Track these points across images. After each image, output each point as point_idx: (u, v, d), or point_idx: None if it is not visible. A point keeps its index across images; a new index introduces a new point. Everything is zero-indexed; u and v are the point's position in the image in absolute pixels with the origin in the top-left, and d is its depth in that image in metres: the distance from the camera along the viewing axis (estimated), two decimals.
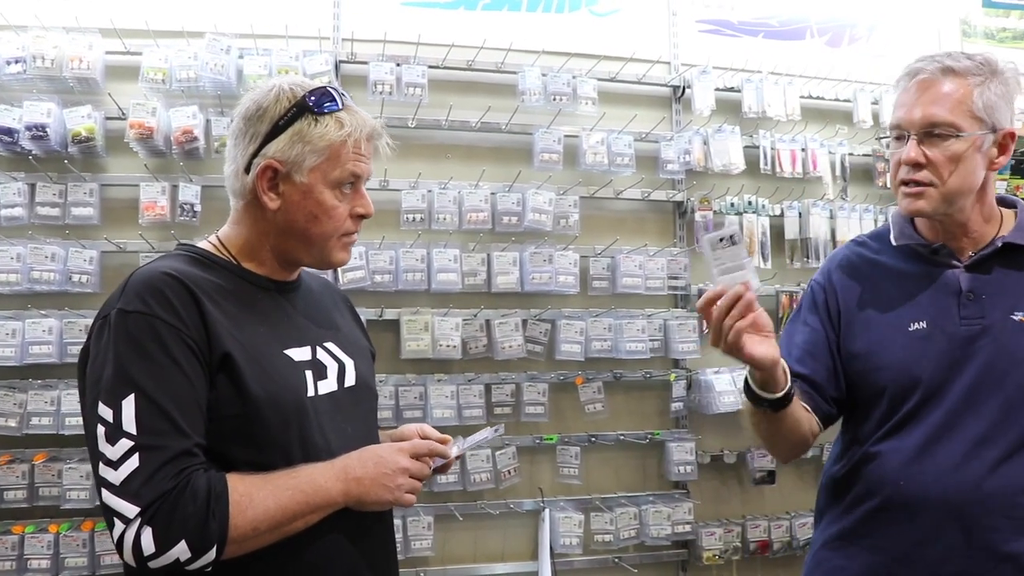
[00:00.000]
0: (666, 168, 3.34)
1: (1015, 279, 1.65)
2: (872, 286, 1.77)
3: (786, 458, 1.87)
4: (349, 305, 1.74)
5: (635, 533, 3.16)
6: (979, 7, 3.91)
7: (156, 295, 1.28)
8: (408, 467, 1.42)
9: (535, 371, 3.18)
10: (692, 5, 3.54)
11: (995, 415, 1.59)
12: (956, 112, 1.59)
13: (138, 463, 1.20)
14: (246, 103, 1.44)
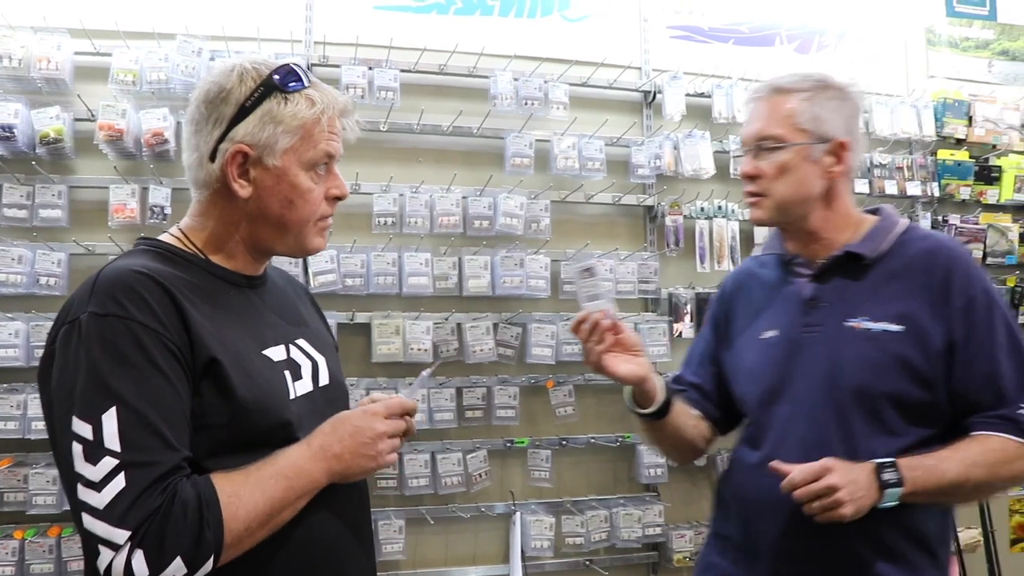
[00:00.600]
0: (637, 173, 3.37)
1: (854, 287, 1.71)
2: (748, 296, 1.89)
3: (678, 460, 2.06)
4: (311, 298, 1.67)
5: (606, 536, 3.17)
6: (943, 16, 3.98)
7: (131, 296, 1.18)
8: (385, 429, 1.34)
9: (506, 375, 3.19)
10: (663, 11, 3.57)
11: (830, 419, 1.65)
12: (782, 125, 1.71)
13: (125, 483, 1.10)
14: (205, 86, 1.34)
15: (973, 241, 3.70)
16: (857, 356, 1.64)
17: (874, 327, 1.65)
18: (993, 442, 1.59)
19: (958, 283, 1.64)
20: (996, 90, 3.97)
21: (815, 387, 1.68)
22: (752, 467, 1.74)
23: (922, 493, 1.54)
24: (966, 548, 3.46)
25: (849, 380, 1.64)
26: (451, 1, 3.28)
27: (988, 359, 1.62)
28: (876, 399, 1.63)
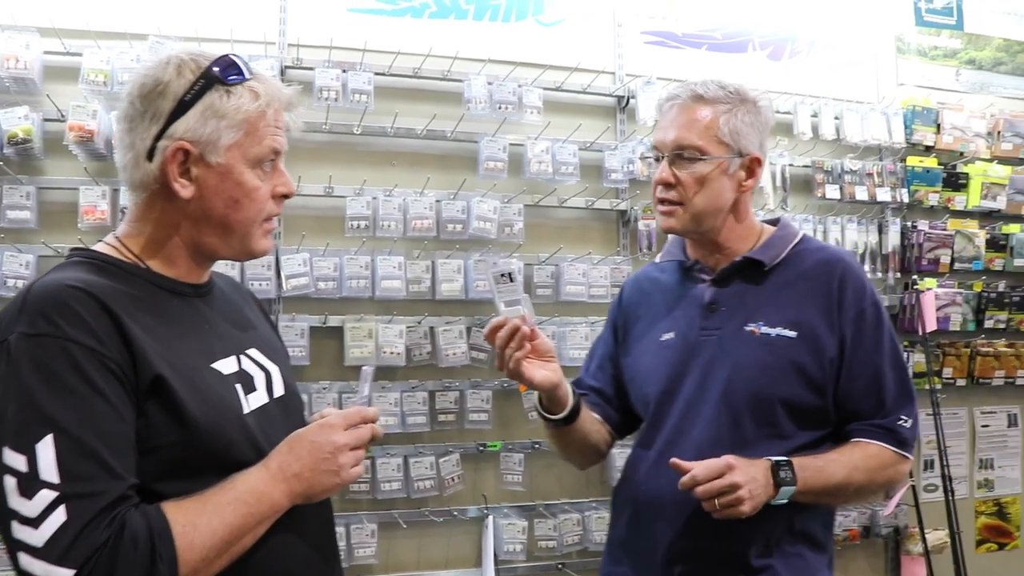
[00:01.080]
0: (610, 177, 3.38)
1: (753, 292, 1.76)
2: (648, 300, 1.92)
3: (580, 465, 2.07)
4: (259, 303, 1.59)
5: (578, 539, 3.18)
6: (912, 25, 4.03)
7: (65, 313, 1.09)
8: (346, 442, 1.26)
9: (479, 378, 3.19)
10: (637, 17, 3.58)
11: (724, 420, 1.70)
12: (703, 136, 1.72)
13: (66, 516, 1.01)
14: (139, 80, 1.25)
15: (941, 247, 3.75)
16: (754, 360, 1.70)
17: (771, 332, 1.71)
18: (872, 449, 1.69)
19: (851, 294, 1.72)
20: (963, 98, 4.02)
21: (711, 389, 1.72)
22: (647, 468, 1.77)
23: (810, 492, 1.60)
24: (933, 549, 3.50)
25: (745, 384, 1.69)
26: (425, 4, 3.27)
27: (873, 369, 1.71)
28: (770, 403, 1.69)
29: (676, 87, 1.82)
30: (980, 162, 3.92)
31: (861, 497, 1.88)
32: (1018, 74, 4.23)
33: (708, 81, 1.78)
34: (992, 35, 4.19)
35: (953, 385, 3.81)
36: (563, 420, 1.77)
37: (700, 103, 1.74)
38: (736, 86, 1.78)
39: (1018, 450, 4.08)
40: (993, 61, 4.18)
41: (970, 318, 3.82)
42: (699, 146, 1.72)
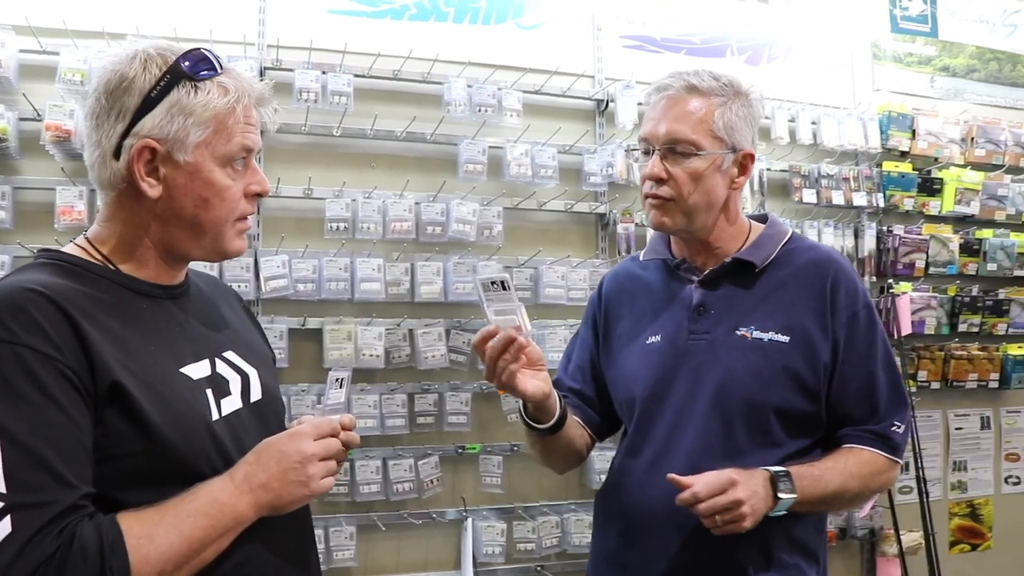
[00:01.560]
0: (589, 180, 3.39)
1: (742, 295, 1.70)
2: (631, 299, 1.83)
3: (561, 470, 2.00)
4: (244, 304, 1.55)
5: (557, 541, 3.18)
6: (888, 32, 4.07)
7: (19, 317, 1.05)
8: (315, 451, 1.22)
9: (458, 381, 3.18)
10: (616, 21, 3.60)
11: (717, 427, 1.64)
12: (697, 131, 1.63)
13: (11, 527, 0.98)
14: (105, 75, 1.20)
15: (916, 251, 3.79)
16: (746, 366, 1.64)
17: (763, 337, 1.65)
18: (865, 455, 1.67)
19: (844, 297, 1.67)
20: (938, 104, 4.07)
21: (702, 395, 1.65)
22: (638, 478, 1.70)
23: (807, 502, 1.57)
24: (908, 551, 3.53)
25: (738, 390, 1.63)
26: (405, 7, 3.27)
27: (867, 373, 1.67)
28: (763, 410, 1.64)
29: (667, 76, 1.72)
30: (954, 168, 3.97)
31: (854, 504, 1.86)
32: (990, 81, 4.29)
33: (701, 71, 1.70)
34: (966, 43, 4.24)
35: (928, 388, 3.86)
36: (549, 429, 1.70)
37: (694, 94, 1.66)
38: (730, 77, 1.71)
39: (991, 452, 4.12)
40: (967, 68, 4.23)
41: (944, 322, 3.87)
42: (693, 140, 1.63)
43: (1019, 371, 3.99)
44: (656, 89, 1.72)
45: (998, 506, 4.11)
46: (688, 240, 1.76)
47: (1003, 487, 4.14)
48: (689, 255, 1.77)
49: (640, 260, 1.91)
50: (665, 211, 1.68)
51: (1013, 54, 4.35)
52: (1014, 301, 4.00)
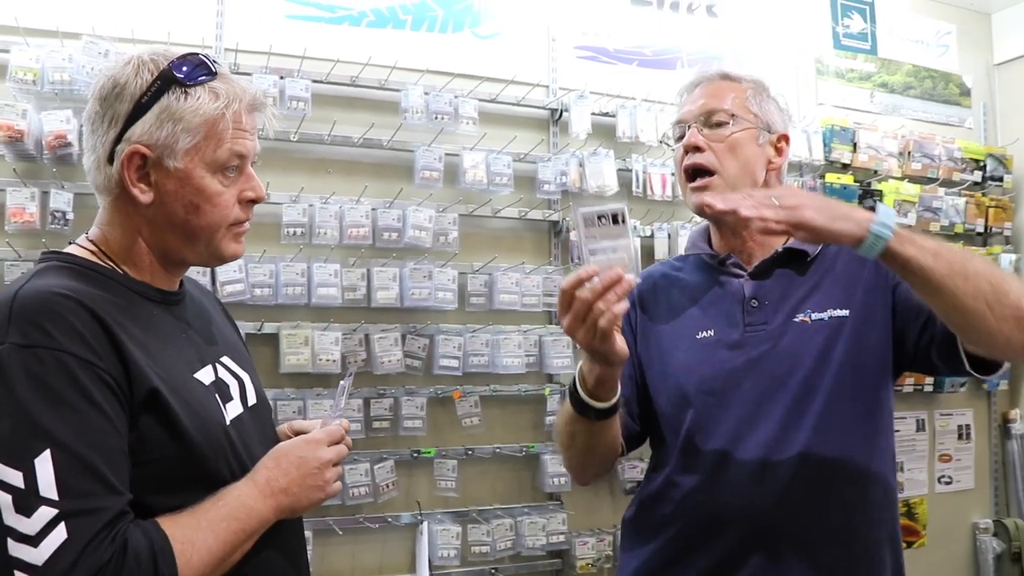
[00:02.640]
0: (543, 188, 3.44)
1: (797, 283, 1.64)
2: (668, 299, 1.76)
3: (589, 479, 1.77)
4: (225, 309, 1.56)
5: (511, 544, 3.22)
6: (831, 49, 4.21)
7: (58, 323, 1.05)
8: (331, 457, 1.28)
9: (413, 385, 3.21)
10: (571, 32, 3.66)
11: (785, 416, 1.56)
12: (733, 104, 1.65)
13: (67, 534, 0.99)
14: (101, 81, 1.22)
15: None
16: (809, 348, 1.57)
17: (823, 316, 1.59)
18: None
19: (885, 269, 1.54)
20: (877, 119, 4.23)
21: (768, 385, 1.58)
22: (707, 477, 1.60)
23: (910, 257, 1.29)
24: None
25: (803, 372, 1.57)
26: (363, 13, 3.29)
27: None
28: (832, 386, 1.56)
29: (701, 71, 1.76)
30: (892, 180, 4.12)
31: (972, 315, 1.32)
32: (925, 98, 4.47)
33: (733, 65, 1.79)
34: (903, 61, 4.41)
35: None
36: (609, 410, 1.51)
37: (727, 81, 1.70)
38: (759, 75, 1.75)
39: (925, 453, 4.29)
40: (904, 85, 4.40)
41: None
42: (729, 109, 1.64)
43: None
44: (691, 84, 1.74)
45: (932, 505, 4.28)
46: (733, 229, 1.70)
47: (936, 487, 4.31)
48: (732, 247, 1.72)
49: (679, 257, 1.88)
50: (710, 186, 1.62)
51: (945, 73, 4.54)
52: None
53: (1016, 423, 4.45)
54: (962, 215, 4.24)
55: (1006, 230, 4.43)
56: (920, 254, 1.29)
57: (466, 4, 3.48)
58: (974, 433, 4.43)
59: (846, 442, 1.55)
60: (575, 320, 1.32)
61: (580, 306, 1.30)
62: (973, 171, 4.34)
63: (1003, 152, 4.49)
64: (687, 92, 1.74)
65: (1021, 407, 4.49)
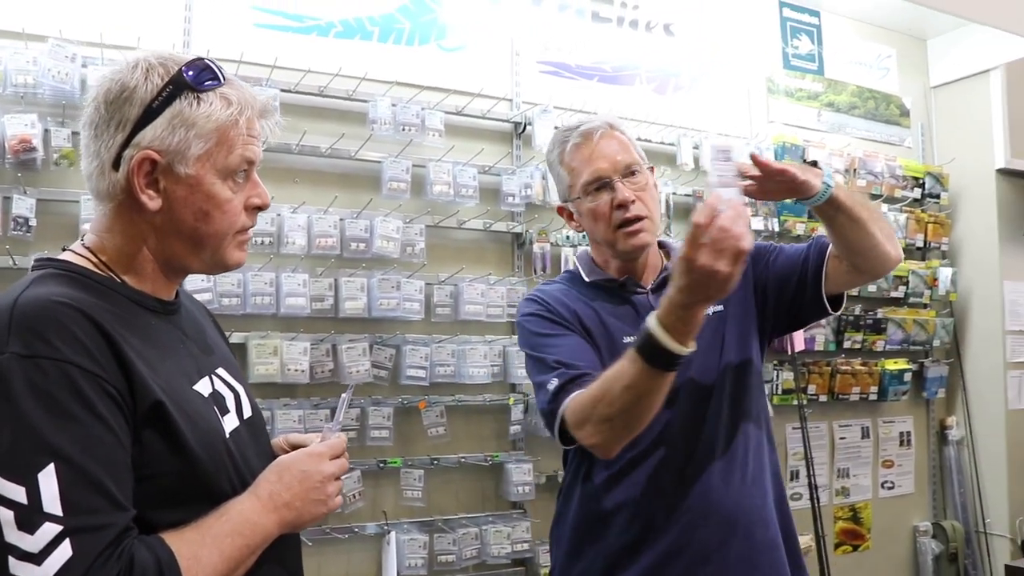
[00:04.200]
0: (507, 201, 3.48)
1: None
2: (586, 307, 1.89)
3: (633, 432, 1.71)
4: (215, 320, 1.53)
5: (476, 552, 3.24)
6: (781, 68, 4.36)
7: (61, 333, 1.03)
8: (333, 472, 1.28)
9: (380, 396, 3.21)
10: (534, 47, 3.72)
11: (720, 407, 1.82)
12: (635, 153, 1.88)
13: (72, 551, 0.96)
14: (105, 84, 1.18)
15: None
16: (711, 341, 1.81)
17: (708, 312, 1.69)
18: None
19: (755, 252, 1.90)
20: (825, 137, 4.38)
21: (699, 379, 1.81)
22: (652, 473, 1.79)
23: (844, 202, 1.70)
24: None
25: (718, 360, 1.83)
26: (331, 24, 3.29)
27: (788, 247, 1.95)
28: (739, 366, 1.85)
29: (585, 123, 1.91)
30: None
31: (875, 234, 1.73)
32: (868, 118, 4.65)
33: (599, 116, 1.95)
34: (848, 81, 4.59)
35: (816, 401, 4.14)
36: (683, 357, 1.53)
37: (615, 129, 1.90)
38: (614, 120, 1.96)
39: (870, 460, 4.45)
40: (849, 105, 4.57)
41: (831, 339, 4.15)
42: (639, 160, 1.87)
43: (895, 384, 4.33)
44: (583, 134, 1.88)
45: (875, 509, 4.44)
46: (640, 261, 1.92)
47: (880, 492, 4.47)
48: (630, 272, 1.92)
49: (562, 279, 2.03)
50: (646, 229, 1.84)
51: (887, 94, 4.73)
52: (890, 320, 4.34)
53: (952, 430, 4.64)
54: (903, 230, 4.41)
55: (943, 245, 4.63)
56: (848, 198, 1.71)
57: (432, 17, 3.51)
58: (914, 440, 4.61)
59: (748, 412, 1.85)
60: (714, 249, 1.36)
61: (719, 234, 1.35)
62: (913, 188, 4.53)
63: (940, 170, 4.69)
64: (581, 141, 1.87)
65: (957, 415, 4.68)
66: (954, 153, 4.74)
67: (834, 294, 1.86)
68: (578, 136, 1.88)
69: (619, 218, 1.83)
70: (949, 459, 4.64)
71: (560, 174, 1.94)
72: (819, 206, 1.71)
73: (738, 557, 1.78)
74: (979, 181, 4.65)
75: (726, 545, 1.77)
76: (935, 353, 4.67)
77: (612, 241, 1.86)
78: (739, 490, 1.80)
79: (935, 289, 4.52)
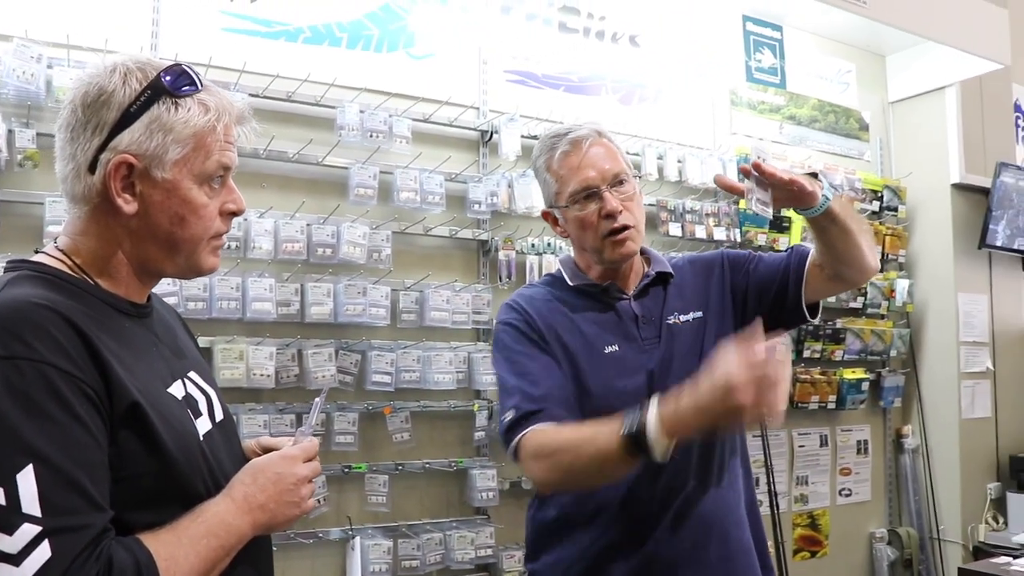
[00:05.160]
0: (473, 208, 3.51)
1: (664, 295, 1.96)
2: (564, 318, 1.90)
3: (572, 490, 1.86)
4: (186, 324, 1.53)
5: (440, 558, 3.25)
6: (744, 81, 4.44)
7: (40, 335, 1.03)
8: (306, 474, 1.29)
9: (345, 401, 3.21)
10: (501, 56, 3.75)
11: None
12: (623, 162, 1.91)
13: (51, 552, 0.97)
14: (82, 87, 1.19)
15: None
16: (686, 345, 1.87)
17: (688, 318, 1.92)
18: None
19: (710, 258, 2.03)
20: (786, 149, 4.47)
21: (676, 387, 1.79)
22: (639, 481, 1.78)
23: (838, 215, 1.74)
24: None
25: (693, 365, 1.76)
26: (300, 29, 3.30)
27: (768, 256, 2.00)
28: None
29: (574, 130, 1.92)
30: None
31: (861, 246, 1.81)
32: (829, 131, 4.74)
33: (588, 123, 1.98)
34: (809, 95, 4.68)
35: None
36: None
37: (603, 137, 1.92)
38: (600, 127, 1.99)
39: (827, 468, 4.53)
40: (810, 118, 4.66)
41: (792, 348, 4.22)
42: (627, 170, 1.90)
43: (853, 393, 4.41)
44: (571, 142, 1.89)
45: (833, 516, 4.52)
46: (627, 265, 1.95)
47: (837, 499, 4.55)
48: (614, 278, 1.95)
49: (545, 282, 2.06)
50: (632, 239, 1.88)
51: (847, 108, 4.83)
52: (848, 330, 4.42)
53: (908, 438, 4.75)
54: None
55: (900, 257, 4.74)
56: (842, 209, 1.75)
57: (400, 24, 3.53)
58: (871, 448, 4.70)
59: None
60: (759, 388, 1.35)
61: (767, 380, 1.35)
62: (872, 201, 4.63)
63: (898, 184, 4.80)
64: (570, 149, 1.88)
65: (913, 424, 4.78)
66: (911, 167, 4.86)
67: (812, 302, 1.91)
68: (567, 144, 1.89)
69: (607, 228, 1.86)
70: (905, 467, 4.74)
71: (547, 180, 1.95)
72: (815, 217, 1.74)
73: (718, 558, 1.83)
74: (935, 195, 4.77)
75: (704, 547, 1.81)
76: (892, 363, 4.78)
77: (599, 249, 1.89)
78: (715, 492, 1.85)
79: (892, 300, 4.63)
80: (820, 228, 1.77)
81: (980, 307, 4.79)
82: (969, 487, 4.65)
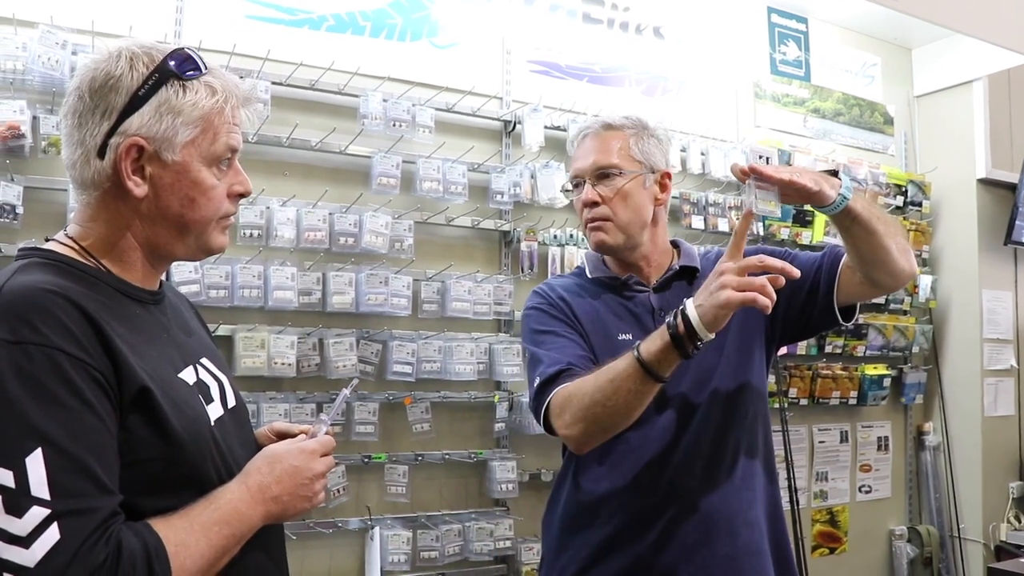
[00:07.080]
0: (496, 199, 3.49)
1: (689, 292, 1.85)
2: (583, 303, 1.96)
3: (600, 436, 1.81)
4: (197, 312, 1.53)
5: (459, 549, 3.25)
6: (768, 73, 4.40)
7: (48, 320, 1.04)
8: (322, 470, 1.30)
9: (366, 391, 3.21)
10: (525, 46, 3.73)
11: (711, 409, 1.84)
12: (619, 156, 1.90)
13: (59, 535, 0.97)
14: (88, 73, 1.19)
15: None
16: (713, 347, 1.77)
17: None
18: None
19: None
20: (810, 143, 4.43)
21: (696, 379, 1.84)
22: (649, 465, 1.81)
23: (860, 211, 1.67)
24: None
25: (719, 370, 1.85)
26: (323, 18, 3.29)
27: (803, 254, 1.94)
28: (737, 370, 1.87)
29: (587, 122, 2.00)
30: None
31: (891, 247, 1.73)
32: (853, 125, 4.70)
33: (613, 114, 1.98)
34: (833, 88, 4.63)
35: (797, 404, 4.17)
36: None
37: (610, 131, 1.93)
38: (637, 116, 1.97)
39: (848, 464, 4.50)
40: (834, 112, 4.62)
41: (813, 343, 4.19)
42: (616, 164, 1.90)
43: (874, 389, 4.38)
44: (578, 133, 1.99)
45: (852, 513, 4.49)
46: (631, 259, 1.96)
47: (857, 495, 4.52)
48: (634, 271, 1.97)
49: (575, 273, 2.09)
50: (604, 230, 1.91)
51: (871, 102, 4.78)
52: (871, 326, 4.38)
53: (929, 435, 4.71)
54: None
55: (924, 253, 4.69)
56: (864, 209, 1.67)
57: (424, 13, 3.51)
58: (892, 444, 4.67)
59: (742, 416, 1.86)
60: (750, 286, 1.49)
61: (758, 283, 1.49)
62: (896, 196, 4.58)
63: (922, 179, 4.75)
64: (575, 142, 1.99)
65: (934, 420, 4.74)
66: (936, 162, 4.80)
67: (845, 305, 1.86)
68: (577, 135, 2.00)
69: (586, 216, 1.94)
70: (925, 464, 4.70)
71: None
72: (835, 215, 1.70)
73: (723, 556, 1.80)
74: (960, 190, 4.72)
75: (709, 545, 1.80)
76: (914, 359, 4.74)
77: (586, 235, 1.98)
78: (724, 491, 1.82)
79: (915, 296, 4.58)
80: (843, 227, 1.73)
81: (1005, 304, 4.74)
82: (991, 485, 4.61)
